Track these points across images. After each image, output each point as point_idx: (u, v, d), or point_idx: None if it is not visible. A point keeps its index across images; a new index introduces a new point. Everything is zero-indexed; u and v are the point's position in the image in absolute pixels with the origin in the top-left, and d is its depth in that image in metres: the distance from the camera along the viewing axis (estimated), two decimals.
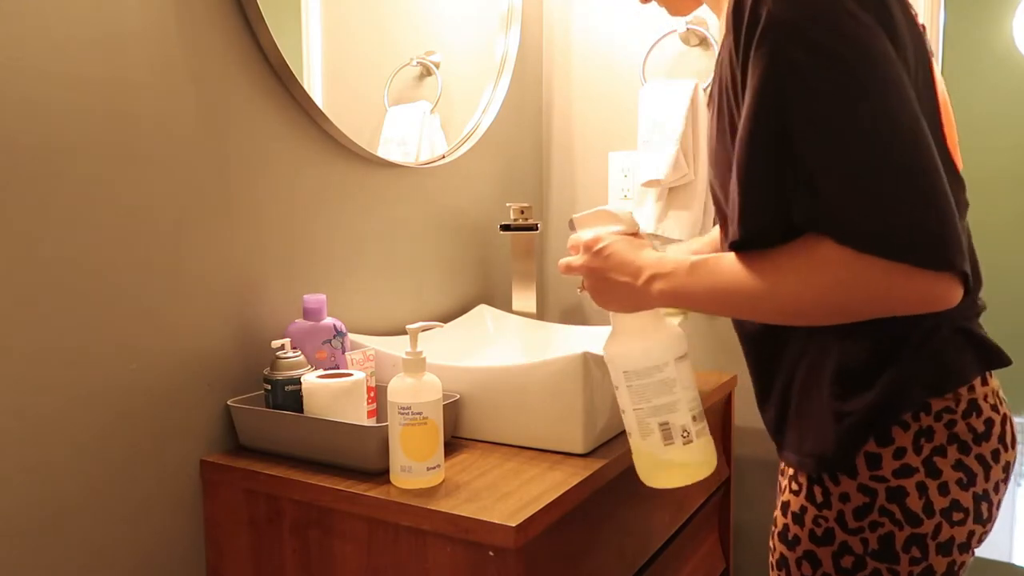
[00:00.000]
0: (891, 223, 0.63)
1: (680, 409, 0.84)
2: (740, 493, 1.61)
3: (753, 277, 0.71)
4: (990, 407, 0.76)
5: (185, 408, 0.98)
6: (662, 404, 0.84)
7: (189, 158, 0.98)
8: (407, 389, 0.88)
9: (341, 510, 0.89)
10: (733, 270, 0.73)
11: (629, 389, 0.85)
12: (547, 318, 1.78)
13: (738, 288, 0.72)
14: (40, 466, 0.84)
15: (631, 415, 0.86)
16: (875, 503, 0.74)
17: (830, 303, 0.68)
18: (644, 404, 0.84)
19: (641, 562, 1.12)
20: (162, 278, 0.95)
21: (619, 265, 0.82)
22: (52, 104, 0.84)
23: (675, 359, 0.84)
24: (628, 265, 0.82)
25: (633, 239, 0.85)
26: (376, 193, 1.29)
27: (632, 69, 1.66)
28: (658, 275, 0.79)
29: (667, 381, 0.84)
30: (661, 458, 0.85)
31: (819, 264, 0.66)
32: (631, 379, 0.85)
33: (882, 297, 0.65)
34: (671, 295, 0.79)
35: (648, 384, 0.84)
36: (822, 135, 0.65)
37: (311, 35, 1.16)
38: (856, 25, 0.65)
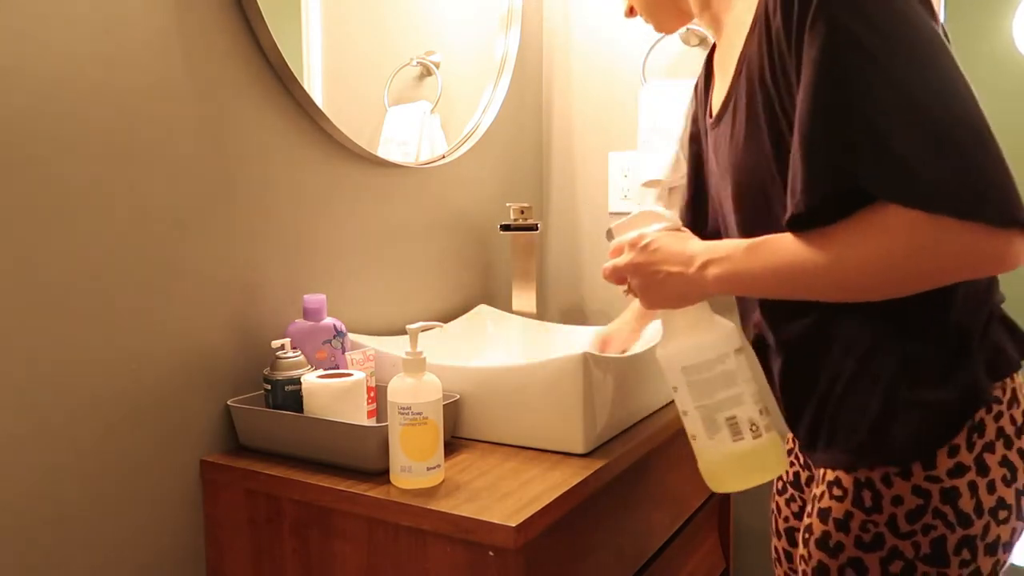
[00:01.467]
0: (961, 185, 0.61)
1: (746, 402, 0.80)
2: (740, 493, 1.61)
3: (819, 251, 0.68)
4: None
5: (185, 408, 0.98)
6: (727, 397, 0.80)
7: (189, 158, 0.98)
8: (407, 389, 0.88)
9: (341, 510, 0.89)
10: (796, 246, 0.70)
11: (690, 386, 0.82)
12: (547, 318, 1.78)
13: (802, 264, 0.70)
14: (40, 466, 0.84)
15: (694, 414, 0.82)
16: (929, 505, 0.72)
17: (902, 271, 0.65)
18: (708, 400, 0.81)
19: (641, 562, 1.12)
20: (162, 278, 0.95)
21: (668, 256, 0.80)
22: (52, 105, 0.84)
23: (734, 351, 0.82)
24: (678, 255, 0.79)
25: (677, 232, 0.84)
26: (376, 193, 1.29)
27: (632, 69, 1.66)
28: (712, 260, 0.77)
29: (729, 373, 0.81)
30: (732, 456, 0.81)
31: (890, 230, 0.64)
32: (691, 374, 0.81)
33: (954, 259, 0.63)
34: (728, 279, 0.76)
35: (709, 378, 0.81)
36: (886, 102, 0.64)
37: (311, 35, 1.16)
38: (905, 2, 0.66)
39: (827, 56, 0.66)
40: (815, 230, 0.69)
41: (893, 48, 0.64)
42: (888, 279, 0.67)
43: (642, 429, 1.11)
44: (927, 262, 0.64)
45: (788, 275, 0.71)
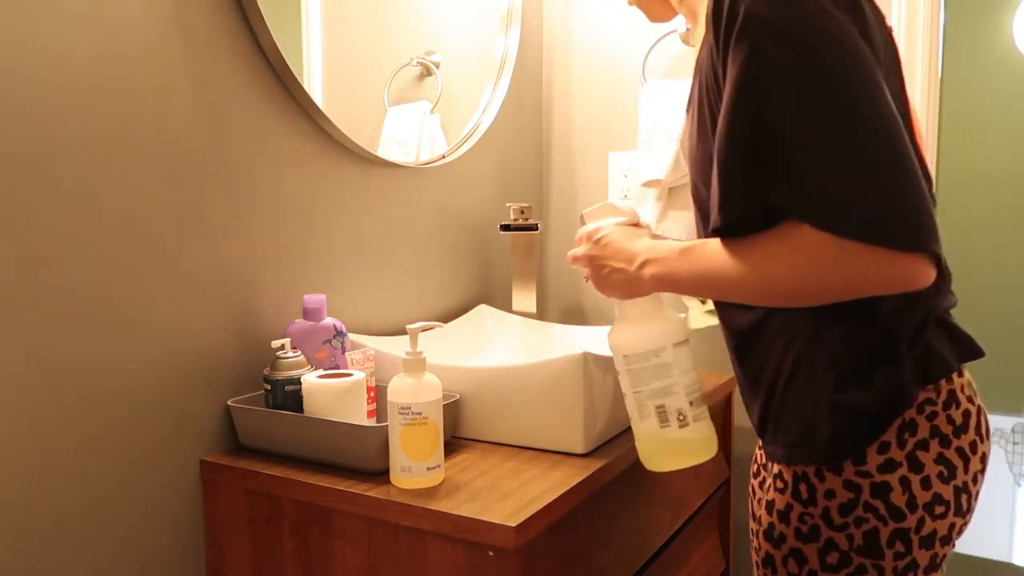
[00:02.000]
0: (868, 208, 0.64)
1: (677, 392, 0.86)
2: (740, 493, 1.61)
3: (738, 262, 0.73)
4: (966, 398, 0.77)
5: (185, 408, 0.98)
6: (659, 387, 0.87)
7: (189, 158, 0.98)
8: (407, 389, 0.88)
9: (341, 510, 0.89)
10: (720, 255, 0.75)
11: (629, 373, 0.88)
12: (547, 318, 1.78)
13: (724, 272, 0.74)
14: (40, 466, 0.84)
15: (631, 398, 0.89)
16: (860, 499, 0.75)
17: (813, 286, 0.70)
18: (642, 387, 0.87)
19: (641, 562, 1.12)
20: (162, 278, 0.95)
21: (615, 252, 0.86)
22: (51, 105, 0.84)
23: (673, 344, 0.87)
24: (624, 252, 0.85)
25: (632, 228, 0.89)
26: (376, 193, 1.29)
27: (632, 69, 1.66)
28: (650, 260, 0.82)
29: (664, 365, 0.86)
30: (658, 441, 0.88)
31: (800, 249, 0.68)
32: (630, 363, 0.88)
33: (861, 279, 0.68)
34: (662, 279, 0.82)
35: (646, 368, 0.87)
36: (799, 125, 0.66)
37: (311, 35, 1.16)
38: (830, 20, 0.67)
39: (743, 77, 0.69)
40: (738, 240, 0.73)
41: (810, 71, 0.66)
42: (801, 292, 0.71)
43: None
44: (835, 280, 0.68)
45: (712, 281, 0.76)
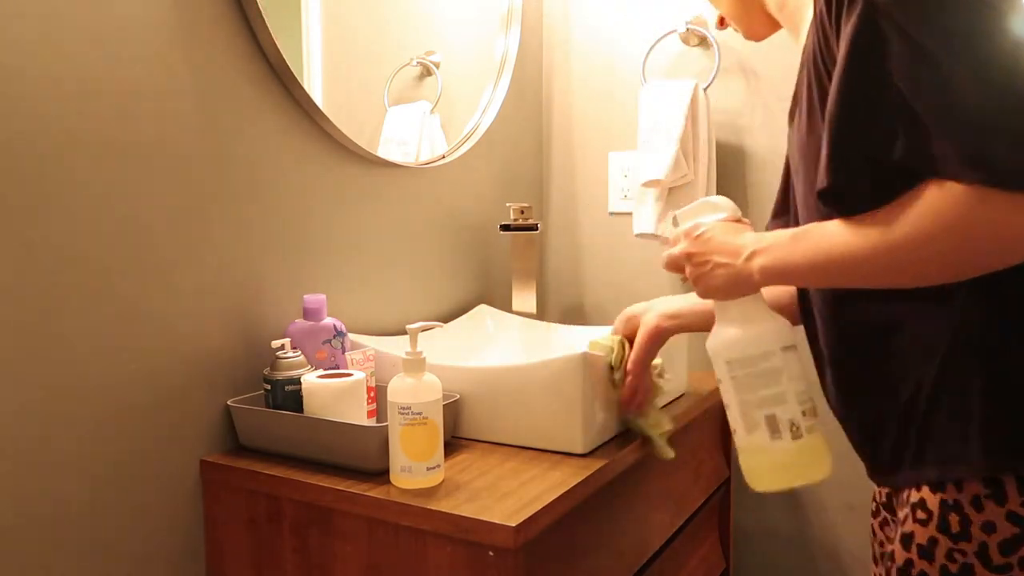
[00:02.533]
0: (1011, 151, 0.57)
1: (788, 400, 0.78)
2: (740, 493, 1.61)
3: (863, 233, 0.66)
4: None
5: (185, 408, 0.98)
6: (768, 395, 0.79)
7: (189, 158, 0.98)
8: (407, 389, 0.88)
9: (341, 510, 0.89)
10: (840, 230, 0.68)
11: (733, 380, 0.81)
12: (547, 318, 1.78)
13: (848, 248, 0.67)
14: (40, 466, 0.84)
15: (735, 408, 0.81)
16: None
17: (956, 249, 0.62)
18: (749, 395, 0.80)
19: (641, 562, 1.12)
20: (161, 278, 0.95)
21: (719, 247, 0.80)
22: (51, 105, 0.84)
23: (781, 348, 0.80)
24: (728, 245, 0.79)
25: (734, 224, 0.83)
26: (376, 193, 1.29)
27: (632, 69, 1.66)
28: (758, 251, 0.76)
29: (773, 370, 0.79)
30: (768, 454, 0.79)
31: (937, 208, 0.61)
32: (734, 368, 0.80)
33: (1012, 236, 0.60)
34: (774, 269, 0.75)
35: (753, 373, 0.79)
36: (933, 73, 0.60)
37: (311, 35, 1.16)
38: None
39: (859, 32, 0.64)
40: (861, 212, 0.67)
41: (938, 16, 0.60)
42: (943, 261, 0.63)
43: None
44: (983, 239, 0.61)
45: (833, 262, 0.69)
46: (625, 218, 1.69)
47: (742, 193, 1.58)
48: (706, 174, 1.52)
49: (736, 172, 1.58)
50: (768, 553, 1.60)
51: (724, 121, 1.57)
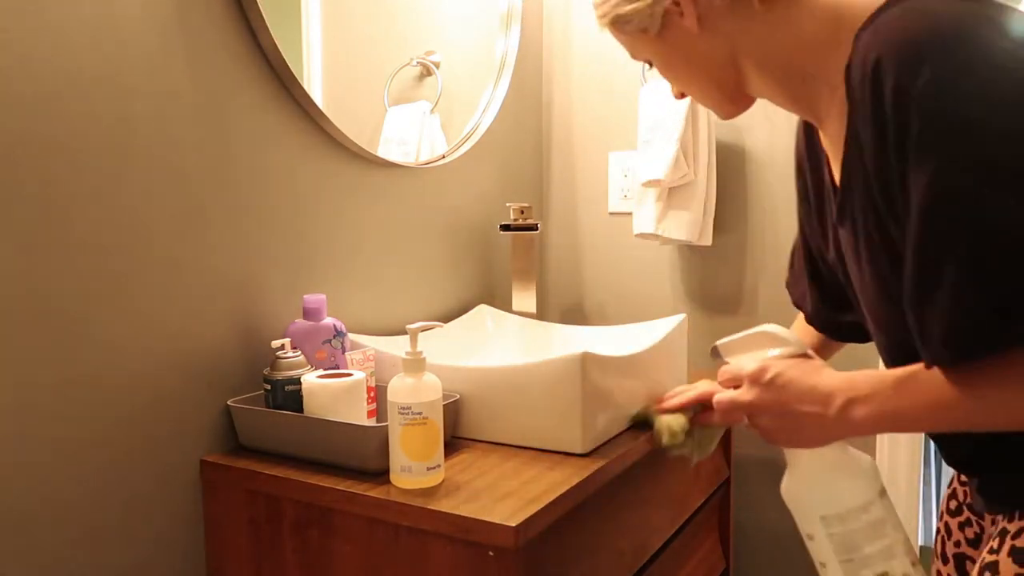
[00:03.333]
0: None
1: (898, 554, 0.71)
2: (740, 493, 1.61)
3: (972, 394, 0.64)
4: None
5: (185, 408, 0.98)
6: (877, 551, 0.71)
7: (189, 158, 0.98)
8: (407, 389, 0.88)
9: (341, 510, 0.89)
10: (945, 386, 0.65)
11: (831, 538, 0.73)
12: (547, 318, 1.78)
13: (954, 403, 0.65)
14: (40, 466, 0.84)
15: (836, 569, 0.73)
16: None
17: None
18: (854, 554, 0.71)
19: (641, 562, 1.12)
20: (162, 278, 0.95)
21: (802, 395, 0.73)
22: (51, 105, 0.84)
23: (879, 494, 0.72)
24: (812, 392, 0.72)
25: (805, 361, 0.75)
26: (376, 193, 1.29)
27: (632, 69, 1.66)
28: (856, 399, 0.70)
29: (877, 522, 0.72)
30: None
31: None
32: (832, 525, 0.72)
33: None
34: (879, 420, 0.69)
35: (856, 530, 0.71)
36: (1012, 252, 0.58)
37: (311, 35, 1.16)
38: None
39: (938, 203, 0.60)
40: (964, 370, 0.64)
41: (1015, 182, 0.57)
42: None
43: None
44: None
45: (941, 415, 0.66)
46: (625, 218, 1.69)
47: (742, 193, 1.58)
48: (706, 174, 1.52)
49: (736, 172, 1.58)
50: (768, 553, 1.60)
51: (724, 121, 1.57)
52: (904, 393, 0.67)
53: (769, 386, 0.75)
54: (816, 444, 0.75)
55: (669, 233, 1.53)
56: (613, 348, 1.31)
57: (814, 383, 0.72)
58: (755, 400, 0.76)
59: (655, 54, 0.84)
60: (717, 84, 0.83)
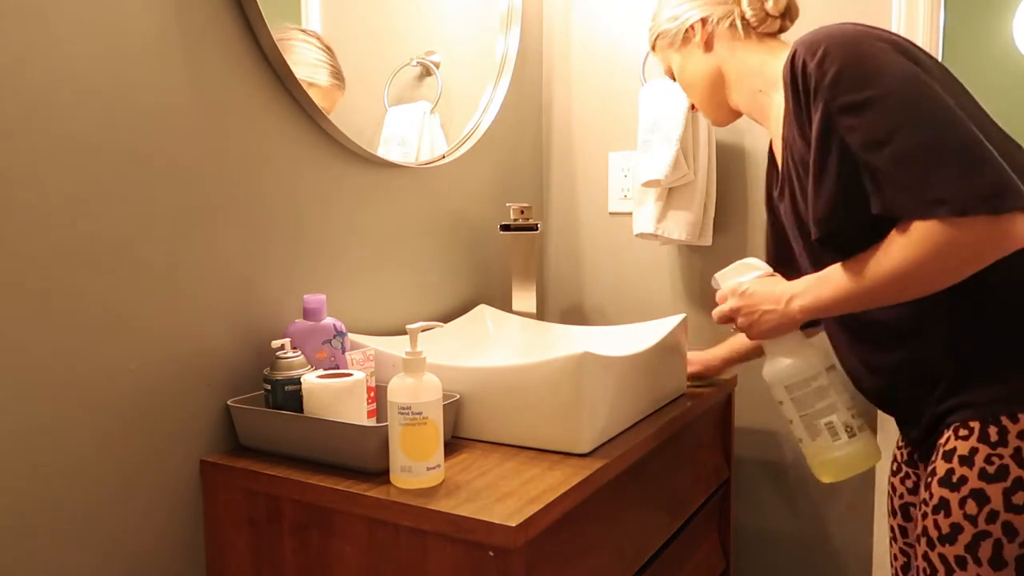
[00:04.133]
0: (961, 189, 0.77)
1: (840, 409, 1.01)
2: (740, 493, 1.61)
3: (868, 270, 0.86)
4: None
5: (185, 408, 0.98)
6: (824, 407, 1.01)
7: (189, 158, 0.98)
8: (407, 389, 0.88)
9: (341, 510, 0.89)
10: (852, 269, 0.88)
11: (793, 401, 1.03)
12: (547, 318, 1.78)
13: (862, 282, 0.87)
14: (39, 466, 0.84)
15: (798, 422, 1.03)
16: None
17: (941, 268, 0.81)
18: (808, 409, 1.02)
19: (641, 562, 1.12)
20: (162, 278, 0.95)
21: (763, 298, 1.02)
22: (51, 105, 0.84)
23: (826, 369, 1.02)
24: (770, 295, 1.01)
25: (768, 278, 1.05)
26: (376, 193, 1.29)
27: (632, 69, 1.66)
28: (795, 294, 0.98)
29: (823, 387, 1.01)
30: (832, 454, 1.01)
31: (917, 241, 0.80)
32: (792, 391, 1.03)
33: (972, 249, 0.79)
34: (811, 308, 0.95)
35: (808, 392, 1.02)
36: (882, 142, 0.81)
37: None
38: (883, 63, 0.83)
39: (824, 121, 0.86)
40: (856, 256, 0.88)
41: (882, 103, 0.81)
42: (930, 278, 0.83)
43: (642, 429, 1.11)
44: (956, 256, 0.80)
45: (854, 293, 0.89)
46: (625, 218, 1.69)
47: (742, 193, 1.58)
48: (706, 174, 1.52)
49: (736, 172, 1.58)
50: (768, 553, 1.60)
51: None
52: (823, 285, 0.93)
53: (742, 296, 1.05)
54: (777, 333, 1.03)
55: (669, 233, 1.53)
56: (613, 348, 1.31)
57: (772, 289, 1.02)
58: (734, 306, 1.06)
59: (673, 63, 1.18)
60: (709, 93, 1.15)
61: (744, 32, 1.09)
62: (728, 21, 1.09)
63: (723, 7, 1.10)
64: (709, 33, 1.11)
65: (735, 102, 1.13)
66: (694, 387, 1.35)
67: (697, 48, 1.12)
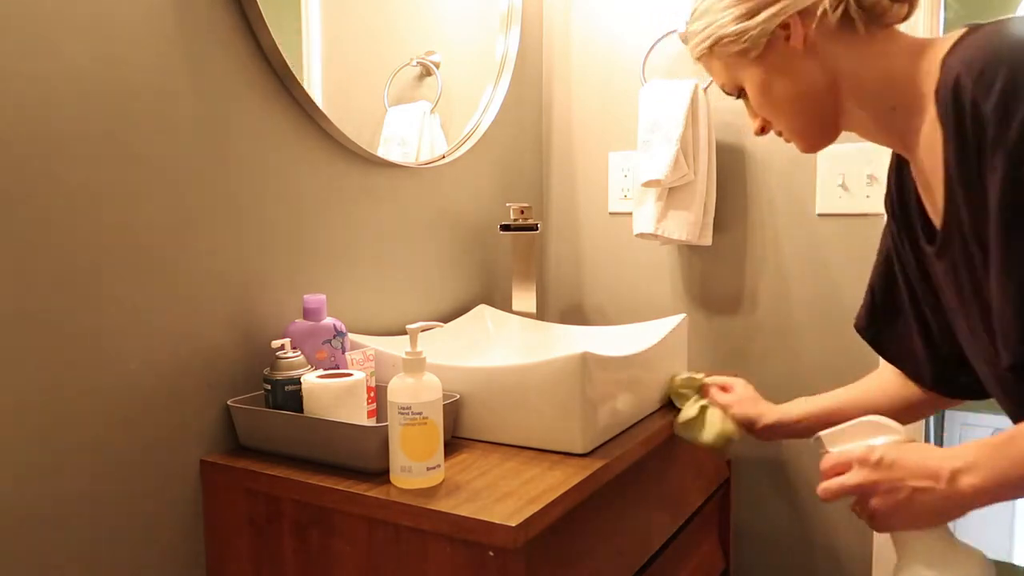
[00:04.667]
0: None
1: None
2: (740, 493, 1.61)
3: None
4: None
5: (185, 408, 0.98)
6: None
7: (188, 159, 0.98)
8: (407, 389, 0.88)
9: (341, 510, 0.89)
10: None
11: None
12: (547, 318, 1.78)
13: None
14: (39, 466, 0.84)
15: None
16: None
17: None
18: None
19: (641, 562, 1.12)
20: (162, 278, 0.95)
21: (911, 471, 0.72)
22: (51, 105, 0.84)
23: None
24: (922, 468, 0.71)
25: (910, 443, 0.76)
26: (376, 193, 1.29)
27: (632, 69, 1.66)
28: (962, 469, 0.68)
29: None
30: None
31: None
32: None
33: None
34: (990, 488, 0.67)
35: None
36: None
37: (311, 35, 1.16)
38: None
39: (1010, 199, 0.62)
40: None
41: None
42: None
43: (642, 429, 1.11)
44: None
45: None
46: (625, 218, 1.69)
47: (742, 193, 1.58)
48: (706, 174, 1.52)
49: (736, 172, 1.58)
50: (768, 553, 1.60)
51: (724, 121, 1.57)
52: (1008, 454, 0.65)
53: (878, 466, 0.74)
54: (932, 521, 0.73)
55: (669, 233, 1.53)
56: (613, 348, 1.31)
57: (920, 459, 0.72)
58: (864, 481, 0.75)
59: (752, 79, 0.84)
60: (814, 111, 0.83)
61: (864, 26, 0.78)
62: (839, 11, 0.77)
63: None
64: (812, 31, 0.79)
65: (853, 122, 0.83)
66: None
67: (793, 54, 0.80)
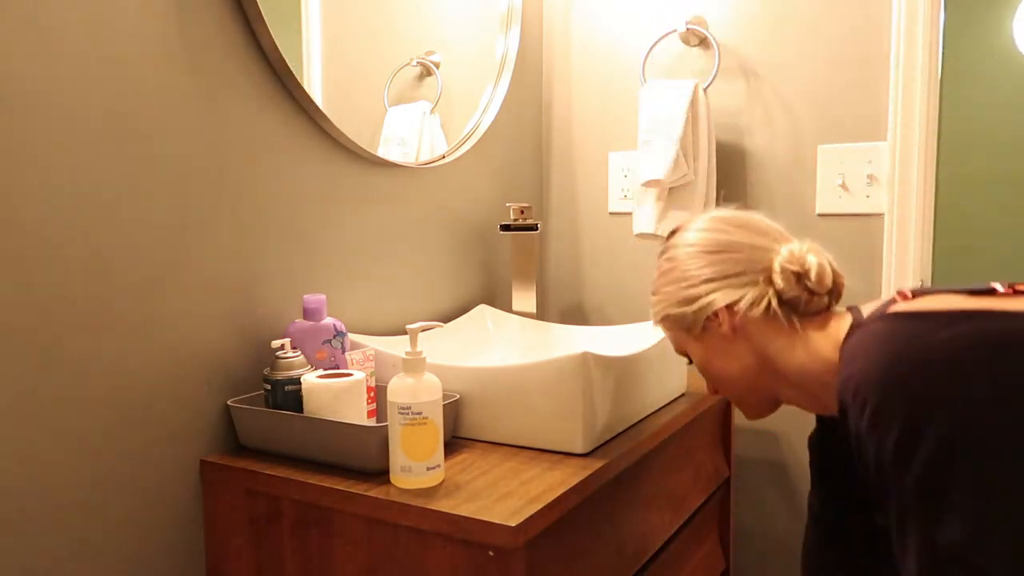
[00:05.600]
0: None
1: None
2: (740, 493, 1.61)
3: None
4: None
5: (185, 408, 0.98)
6: None
7: (189, 159, 0.98)
8: (407, 389, 0.88)
9: (341, 510, 0.89)
10: None
11: None
12: (547, 318, 1.78)
13: None
14: (39, 466, 0.84)
15: None
16: None
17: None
18: None
19: (641, 562, 1.12)
20: (162, 278, 0.95)
21: None
22: (50, 106, 0.84)
23: None
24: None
25: None
26: (376, 193, 1.29)
27: (632, 69, 1.66)
28: None
29: None
30: None
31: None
32: None
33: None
34: None
35: None
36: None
37: (311, 35, 1.16)
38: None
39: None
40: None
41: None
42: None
43: (642, 429, 1.11)
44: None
45: None
46: (625, 218, 1.69)
47: (742, 193, 1.58)
48: (706, 174, 1.52)
49: (736, 172, 1.58)
50: (768, 553, 1.60)
51: (724, 121, 1.57)
52: None
53: None
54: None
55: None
56: (613, 348, 1.32)
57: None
58: None
59: (695, 353, 0.94)
60: (749, 387, 0.91)
61: (786, 319, 0.85)
62: (762, 306, 0.85)
63: (752, 289, 0.85)
64: (739, 321, 0.86)
65: (791, 397, 0.90)
66: None
67: (726, 338, 0.88)
